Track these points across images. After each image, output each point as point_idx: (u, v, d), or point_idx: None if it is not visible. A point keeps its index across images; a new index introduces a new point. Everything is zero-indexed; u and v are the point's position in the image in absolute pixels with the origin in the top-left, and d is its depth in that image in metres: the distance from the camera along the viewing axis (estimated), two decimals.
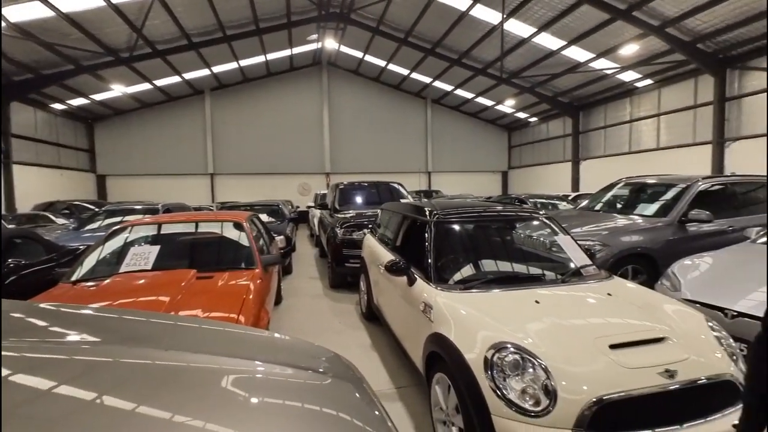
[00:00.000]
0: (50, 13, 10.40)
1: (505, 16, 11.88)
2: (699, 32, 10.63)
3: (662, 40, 10.96)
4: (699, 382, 1.78)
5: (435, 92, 20.72)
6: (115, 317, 1.61)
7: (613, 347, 1.84)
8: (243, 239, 3.71)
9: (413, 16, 14.01)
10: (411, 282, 2.80)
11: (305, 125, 20.85)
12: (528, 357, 1.80)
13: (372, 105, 21.43)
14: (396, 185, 8.12)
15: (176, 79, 17.13)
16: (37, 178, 15.09)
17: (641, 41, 11.38)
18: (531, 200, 10.63)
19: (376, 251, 4.06)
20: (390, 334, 3.52)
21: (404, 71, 18.95)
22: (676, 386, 1.74)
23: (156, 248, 3.30)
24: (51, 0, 9.93)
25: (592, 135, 17.00)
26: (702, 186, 5.13)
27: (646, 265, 4.66)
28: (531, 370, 1.77)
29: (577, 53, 13.21)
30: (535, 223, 3.39)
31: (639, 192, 5.97)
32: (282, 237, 6.88)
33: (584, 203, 6.80)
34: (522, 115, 20.62)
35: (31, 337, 1.18)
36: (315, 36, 16.70)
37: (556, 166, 19.08)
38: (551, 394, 1.69)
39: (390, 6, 13.91)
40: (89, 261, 3.33)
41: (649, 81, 13.86)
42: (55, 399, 0.82)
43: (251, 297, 2.72)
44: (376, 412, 1.08)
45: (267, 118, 20.48)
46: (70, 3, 10.37)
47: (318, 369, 1.23)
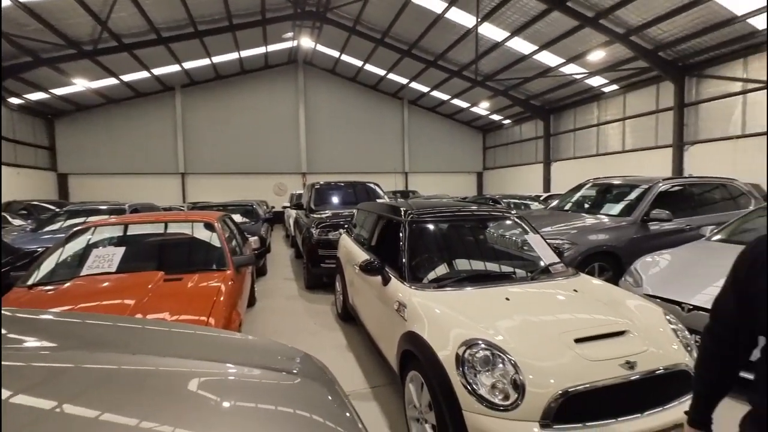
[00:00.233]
0: (6, 2, 9.80)
1: (480, 20, 12.11)
2: (660, 41, 11.19)
3: (627, 48, 11.47)
4: (657, 373, 1.88)
5: (412, 93, 20.87)
6: (77, 322, 1.55)
7: (578, 341, 1.91)
8: (214, 240, 3.62)
9: (390, 17, 14.07)
10: (385, 281, 2.82)
11: (281, 124, 20.54)
12: (498, 353, 1.85)
13: (349, 105, 21.36)
14: (372, 185, 8.13)
15: (144, 75, 16.49)
16: None
17: (607, 48, 11.87)
18: (504, 200, 10.89)
19: (352, 251, 4.06)
20: (365, 334, 3.53)
21: (381, 72, 18.99)
22: (637, 377, 1.83)
23: (121, 250, 3.17)
24: None
25: (563, 137, 17.58)
26: (662, 187, 5.40)
27: (612, 263, 4.87)
28: (501, 366, 1.82)
29: (548, 58, 13.63)
30: (507, 223, 3.48)
31: (605, 192, 6.22)
32: (256, 238, 6.75)
33: (554, 203, 7.03)
34: (496, 117, 21.07)
35: None
36: (291, 34, 16.48)
37: (529, 168, 19.61)
38: (520, 388, 1.74)
39: (366, 6, 13.91)
40: (48, 264, 3.17)
41: (615, 86, 14.47)
42: (13, 409, 0.78)
43: (222, 299, 2.66)
44: (347, 414, 1.08)
45: (241, 117, 20.05)
46: None
47: (288, 370, 1.23)
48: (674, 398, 1.89)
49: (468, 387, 1.78)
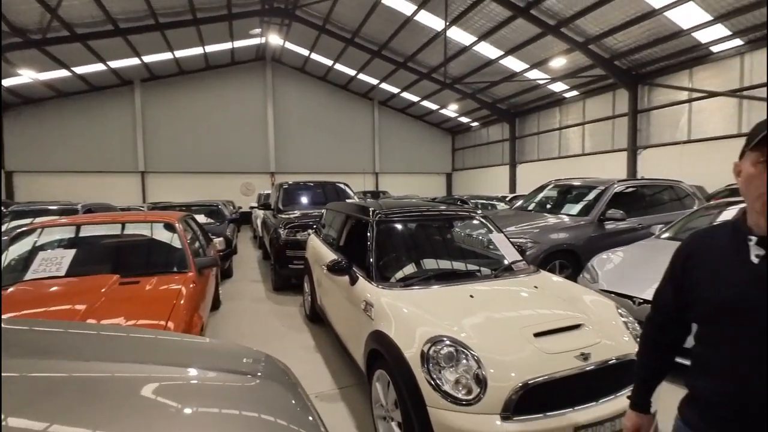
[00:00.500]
0: None
1: (448, 24, 12.34)
2: (616, 50, 11.84)
3: (586, 56, 12.05)
4: (610, 363, 1.98)
5: (382, 94, 20.95)
6: (23, 329, 1.45)
7: (537, 335, 1.99)
8: (175, 241, 3.48)
9: (360, 17, 14.06)
10: (353, 281, 2.82)
11: (248, 122, 20.02)
12: (462, 349, 1.89)
13: (319, 104, 21.14)
14: (342, 185, 8.09)
15: (100, 67, 15.58)
16: None
17: (568, 55, 12.42)
18: (472, 201, 11.16)
19: (320, 252, 4.02)
20: (334, 335, 3.51)
21: (351, 72, 18.93)
22: (591, 367, 1.93)
23: (71, 252, 2.98)
24: None
25: (527, 140, 18.21)
26: (617, 188, 5.71)
27: (572, 260, 5.10)
28: (464, 361, 1.86)
29: (514, 63, 14.09)
30: (472, 222, 3.57)
31: (566, 193, 6.50)
32: (221, 239, 6.56)
33: (519, 204, 7.27)
34: (465, 120, 21.53)
35: None
36: (258, 30, 16.10)
37: (496, 169, 20.17)
38: (482, 383, 1.79)
39: (336, 5, 13.83)
40: None
41: (575, 92, 15.16)
42: None
43: (182, 302, 2.56)
44: (310, 418, 1.07)
45: (206, 114, 19.37)
46: None
47: (249, 372, 1.20)
48: (626, 386, 2.00)
49: (432, 383, 1.82)
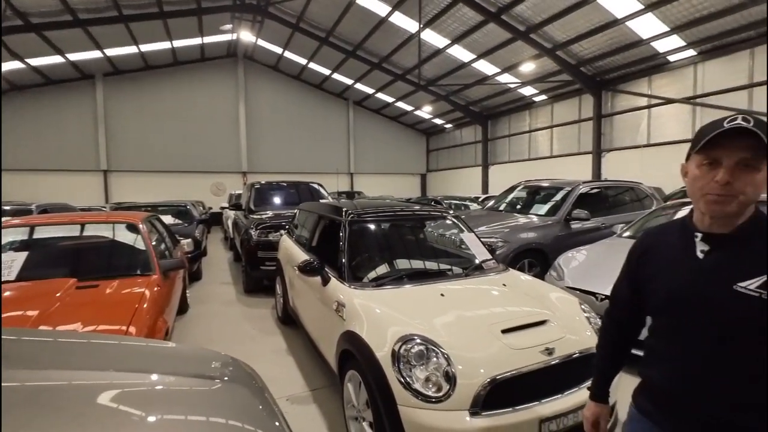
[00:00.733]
0: None
1: (422, 26, 12.47)
2: (582, 57, 12.33)
3: (553, 61, 12.48)
4: (573, 356, 2.06)
5: (357, 94, 20.90)
6: None
7: (505, 332, 2.04)
8: (138, 243, 3.34)
9: (334, 16, 13.97)
10: (325, 282, 2.79)
11: (219, 120, 19.47)
12: (432, 347, 1.91)
13: (293, 103, 20.84)
14: (316, 185, 8.01)
15: (58, 60, 14.73)
16: None
17: (537, 61, 12.82)
18: (446, 201, 11.33)
19: (292, 252, 3.96)
20: (306, 337, 3.47)
21: (326, 71, 18.79)
22: (556, 361, 2.00)
23: (23, 255, 2.81)
24: None
25: (499, 142, 18.66)
26: (582, 189, 5.95)
27: (540, 259, 5.26)
28: (434, 359, 1.88)
29: (486, 67, 14.40)
30: (445, 222, 3.62)
31: (535, 194, 6.70)
32: (189, 240, 6.36)
33: (491, 204, 7.44)
34: (439, 122, 21.81)
35: None
36: (229, 26, 15.71)
37: (469, 170, 20.54)
38: (451, 380, 1.81)
39: (310, 4, 13.69)
40: None
41: (544, 96, 15.67)
42: None
43: (146, 306, 2.45)
44: (277, 423, 1.06)
45: (174, 111, 18.68)
46: None
47: (211, 375, 1.17)
48: (589, 378, 2.03)
49: (403, 381, 1.83)
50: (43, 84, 16.46)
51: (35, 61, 14.37)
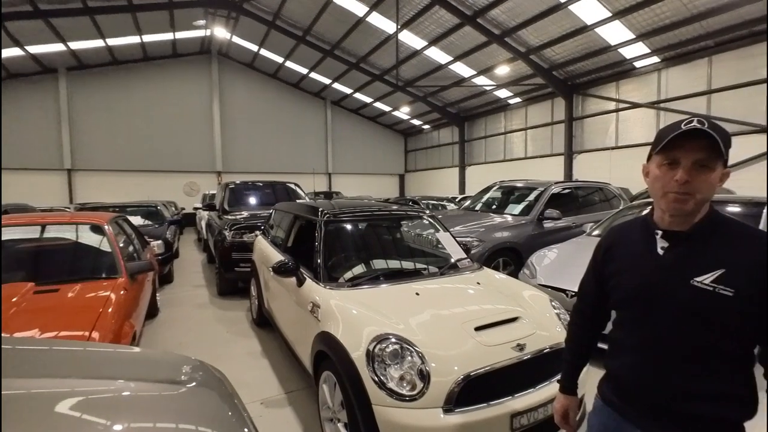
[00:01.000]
0: None
1: (400, 27, 12.52)
2: (554, 62, 12.70)
3: (527, 65, 12.80)
4: (544, 352, 2.11)
5: (334, 94, 20.77)
6: None
7: (478, 329, 2.07)
8: (104, 245, 3.20)
9: (311, 15, 13.84)
10: (300, 283, 2.76)
11: (193, 119, 18.91)
12: (407, 346, 1.92)
13: (269, 102, 20.49)
14: (293, 185, 7.90)
15: (16, 52, 13.91)
16: None
17: (512, 64, 13.11)
18: (423, 202, 11.42)
19: (267, 253, 3.89)
20: (281, 339, 3.41)
21: (303, 70, 18.58)
22: (528, 357, 2.04)
23: None
24: None
25: (476, 143, 18.97)
26: (554, 190, 6.12)
27: (514, 257, 5.38)
28: (409, 358, 1.89)
29: (462, 69, 14.61)
30: (422, 222, 3.64)
31: (509, 194, 6.85)
32: (160, 242, 6.15)
33: (467, 204, 7.55)
34: (417, 122, 21.96)
35: None
36: (203, 22, 15.30)
37: (447, 171, 20.78)
38: (425, 378, 1.83)
39: (287, 2, 13.51)
40: None
41: (519, 99, 16.04)
42: None
43: (110, 310, 2.35)
44: (246, 429, 1.03)
45: (145, 108, 18.01)
46: None
47: (178, 380, 1.13)
48: (559, 373, 2.14)
49: (377, 381, 1.82)
50: (1, 77, 15.52)
51: None
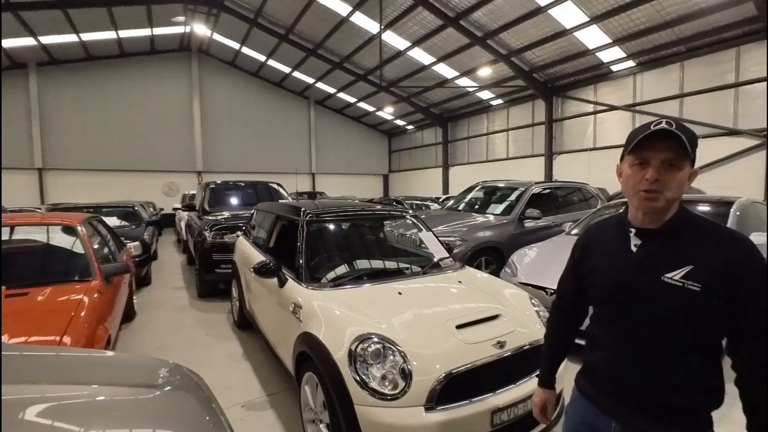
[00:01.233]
0: None
1: (383, 27, 12.53)
2: (534, 64, 12.94)
3: (509, 67, 13.01)
4: (524, 348, 2.15)
5: (318, 93, 20.63)
6: None
7: (459, 327, 2.09)
8: (77, 246, 3.09)
9: (294, 13, 13.71)
10: (282, 283, 2.73)
11: (172, 117, 18.45)
12: (389, 345, 1.92)
13: (251, 101, 20.19)
14: (275, 185, 7.81)
15: None
16: None
17: (493, 66, 13.30)
18: (407, 202, 11.46)
19: (249, 254, 3.84)
20: (263, 341, 3.37)
21: (286, 69, 18.39)
22: (508, 353, 2.07)
23: None
24: None
25: (459, 144, 19.16)
26: (535, 190, 6.24)
27: (496, 256, 5.46)
28: (391, 357, 1.89)
29: (445, 70, 14.73)
30: (405, 222, 3.65)
31: (491, 194, 6.94)
32: (137, 243, 5.98)
33: (450, 204, 7.61)
34: (400, 123, 22.02)
35: None
36: (182, 18, 14.95)
37: (430, 171, 20.91)
38: (407, 376, 1.83)
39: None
40: None
41: (501, 101, 16.29)
42: None
43: (83, 313, 2.27)
44: None
45: (122, 106, 17.48)
46: None
47: (154, 384, 1.10)
48: (538, 369, 2.18)
49: (359, 380, 1.82)
50: None
51: None
